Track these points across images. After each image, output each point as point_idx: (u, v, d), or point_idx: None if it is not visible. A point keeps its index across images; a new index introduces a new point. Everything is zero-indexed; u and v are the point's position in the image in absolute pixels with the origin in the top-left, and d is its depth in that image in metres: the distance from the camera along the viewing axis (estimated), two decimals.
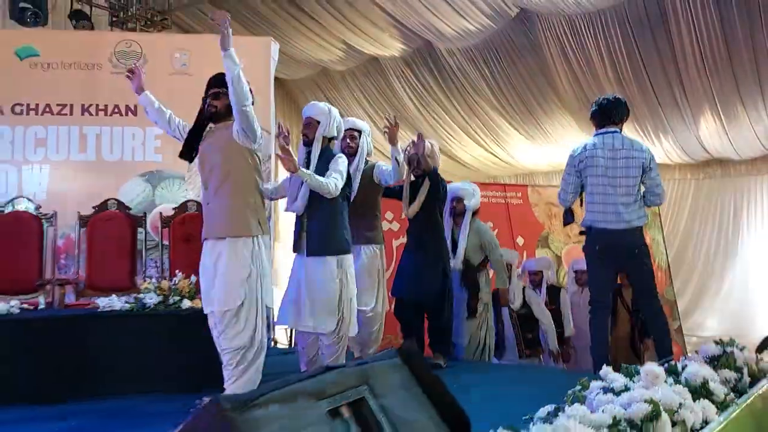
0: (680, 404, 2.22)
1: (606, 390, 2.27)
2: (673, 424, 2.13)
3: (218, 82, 3.76)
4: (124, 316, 4.00)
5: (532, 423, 1.78)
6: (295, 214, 4.22)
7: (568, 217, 4.50)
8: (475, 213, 5.60)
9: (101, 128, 6.20)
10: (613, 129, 4.30)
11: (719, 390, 2.58)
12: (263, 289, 3.65)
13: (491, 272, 5.73)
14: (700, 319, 10.60)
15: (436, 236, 5.03)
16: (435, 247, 4.97)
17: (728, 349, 3.12)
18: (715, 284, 10.67)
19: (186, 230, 5.23)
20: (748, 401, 2.71)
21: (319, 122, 4.23)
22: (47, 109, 6.17)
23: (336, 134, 4.37)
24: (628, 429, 1.84)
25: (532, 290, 6.19)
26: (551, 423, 1.74)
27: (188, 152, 3.83)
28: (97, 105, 6.20)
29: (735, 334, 4.46)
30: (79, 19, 7.97)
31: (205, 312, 3.62)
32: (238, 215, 3.64)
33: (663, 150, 10.09)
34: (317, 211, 4.12)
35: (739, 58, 8.11)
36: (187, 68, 6.30)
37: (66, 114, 6.18)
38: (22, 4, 7.12)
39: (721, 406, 2.51)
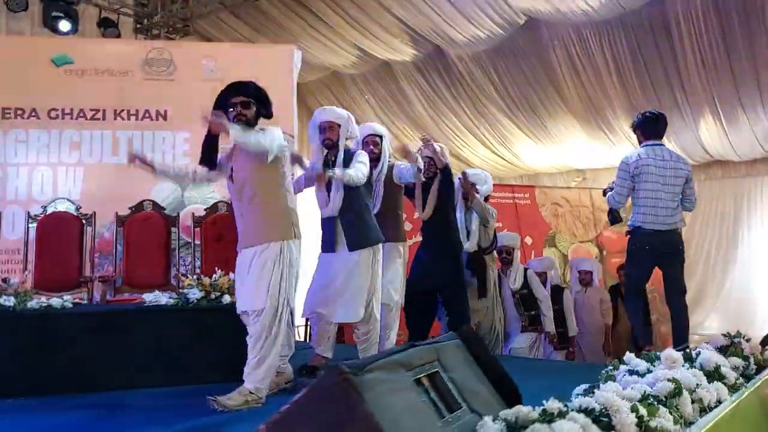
0: (697, 385, 2.51)
1: (632, 372, 2.56)
2: (692, 402, 2.41)
3: (246, 91, 3.81)
4: (169, 310, 4.25)
5: (573, 397, 2.05)
6: (321, 216, 4.49)
7: (617, 217, 5.08)
8: (486, 199, 5.82)
9: (133, 132, 6.53)
10: (659, 142, 4.80)
11: (730, 374, 2.87)
12: (290, 291, 3.81)
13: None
14: (701, 318, 10.78)
15: (449, 234, 5.25)
16: (448, 242, 5.20)
17: (736, 340, 3.44)
18: (715, 284, 10.85)
19: (217, 230, 5.49)
20: (756, 385, 3.00)
21: (339, 125, 4.45)
22: (81, 114, 6.50)
23: (356, 134, 4.64)
24: (656, 403, 2.11)
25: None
26: (591, 396, 2.01)
27: (208, 159, 3.84)
28: (129, 110, 6.52)
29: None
30: (108, 26, 8.29)
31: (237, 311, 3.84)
32: (272, 223, 3.80)
33: None
34: (349, 210, 4.39)
35: (738, 63, 8.35)
36: (214, 74, 6.56)
37: (99, 119, 6.50)
38: (54, 13, 7.42)
39: (732, 389, 2.79)
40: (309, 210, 4.86)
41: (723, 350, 3.30)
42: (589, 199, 9.52)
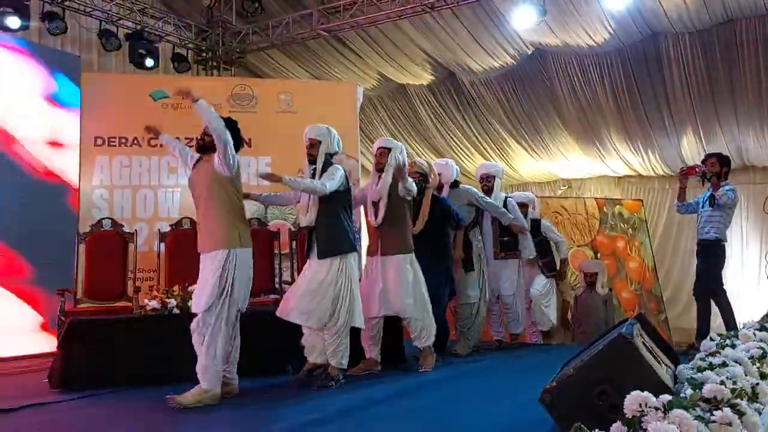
0: None
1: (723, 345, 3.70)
2: None
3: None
4: None
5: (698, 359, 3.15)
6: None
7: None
8: (455, 185, 6.37)
9: None
10: None
11: None
12: (236, 294, 4.23)
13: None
14: (679, 310, 12.08)
15: (441, 244, 5.83)
16: (440, 252, 5.77)
17: (766, 325, 4.63)
18: (689, 284, 12.07)
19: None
20: None
21: (320, 142, 4.80)
22: None
23: (338, 149, 4.92)
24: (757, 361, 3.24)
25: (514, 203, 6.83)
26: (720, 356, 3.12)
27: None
28: None
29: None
30: (180, 61, 9.18)
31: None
32: (218, 233, 4.23)
33: (650, 165, 11.66)
34: (322, 221, 4.77)
35: (719, 91, 9.64)
36: (291, 107, 7.53)
37: (193, 146, 7.32)
38: (140, 51, 8.28)
39: None
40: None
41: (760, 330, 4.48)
42: (584, 207, 10.63)
